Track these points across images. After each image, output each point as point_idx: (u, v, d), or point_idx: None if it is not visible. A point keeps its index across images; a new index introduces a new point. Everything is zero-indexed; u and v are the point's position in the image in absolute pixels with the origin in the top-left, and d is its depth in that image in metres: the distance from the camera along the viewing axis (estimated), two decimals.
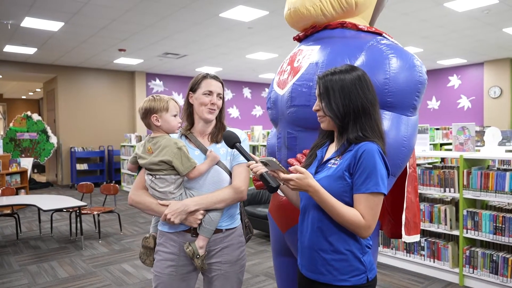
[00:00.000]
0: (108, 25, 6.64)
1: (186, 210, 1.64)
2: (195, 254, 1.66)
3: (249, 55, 9.41)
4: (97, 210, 5.20)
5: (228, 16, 6.25)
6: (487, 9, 6.13)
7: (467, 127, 3.71)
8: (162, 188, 1.69)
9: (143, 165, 1.72)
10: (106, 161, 10.80)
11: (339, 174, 1.36)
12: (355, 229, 1.31)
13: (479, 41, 8.45)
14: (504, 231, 3.16)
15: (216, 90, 1.79)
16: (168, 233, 1.75)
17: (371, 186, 1.29)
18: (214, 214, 1.69)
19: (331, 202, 1.30)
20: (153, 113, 1.73)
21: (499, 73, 10.77)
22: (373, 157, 1.31)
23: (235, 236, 1.79)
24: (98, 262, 4.25)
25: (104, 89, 10.97)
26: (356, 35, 2.01)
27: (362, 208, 1.30)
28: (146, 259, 1.83)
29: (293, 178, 1.30)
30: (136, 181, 1.80)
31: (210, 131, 1.83)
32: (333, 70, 1.44)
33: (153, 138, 1.74)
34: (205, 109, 1.76)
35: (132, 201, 1.76)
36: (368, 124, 1.38)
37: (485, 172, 3.27)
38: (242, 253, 1.82)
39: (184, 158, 1.66)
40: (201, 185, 1.73)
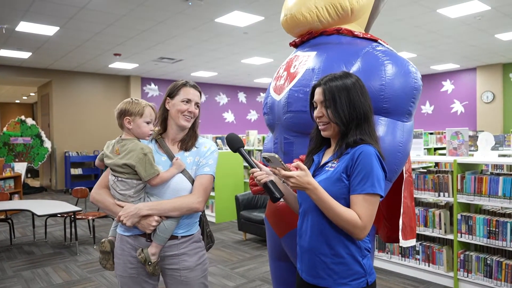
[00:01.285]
0: (104, 30, 6.64)
1: (138, 214, 1.64)
2: (147, 261, 1.67)
3: (244, 60, 9.45)
4: (92, 215, 5.17)
5: (224, 21, 6.29)
6: (480, 15, 6.22)
7: (461, 132, 3.75)
8: (123, 190, 1.69)
9: (108, 165, 1.73)
10: None
11: (336, 176, 1.36)
12: (351, 229, 1.31)
13: (472, 47, 8.55)
14: (498, 235, 3.19)
15: (194, 98, 1.79)
16: (125, 236, 1.75)
17: (367, 187, 1.30)
18: (169, 222, 1.68)
19: (329, 201, 1.31)
20: (127, 115, 1.73)
21: (491, 78, 10.90)
22: (370, 159, 1.32)
23: (191, 243, 1.78)
24: (93, 268, 4.23)
25: (99, 93, 10.95)
26: (351, 41, 2.04)
27: (358, 208, 1.31)
28: (106, 264, 1.83)
29: (294, 175, 1.30)
30: (100, 179, 1.80)
31: (181, 138, 1.82)
32: (333, 76, 1.44)
33: (122, 140, 1.74)
34: (181, 116, 1.76)
35: (93, 198, 1.77)
36: (367, 130, 1.40)
37: (479, 177, 3.30)
38: (202, 258, 1.80)
39: (148, 165, 1.66)
40: (162, 193, 1.72)
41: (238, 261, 4.38)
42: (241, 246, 4.97)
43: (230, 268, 4.17)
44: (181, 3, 5.44)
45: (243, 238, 5.31)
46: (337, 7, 2.01)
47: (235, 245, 5.05)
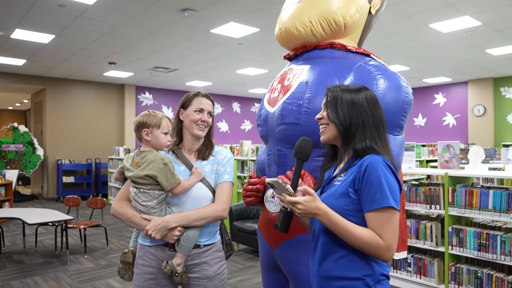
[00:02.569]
0: (99, 38, 6.66)
1: (167, 227, 1.66)
2: (174, 272, 1.68)
3: (239, 70, 9.51)
4: (83, 224, 5.13)
5: (219, 32, 6.34)
6: (470, 30, 6.34)
7: (452, 145, 3.80)
8: (145, 202, 1.71)
9: (129, 178, 1.75)
10: (93, 174, 10.68)
11: (342, 190, 1.27)
12: (374, 251, 1.19)
13: (463, 61, 8.70)
14: (488, 248, 3.22)
15: (207, 108, 1.84)
16: (147, 246, 1.77)
17: (381, 201, 1.19)
18: (192, 232, 1.71)
19: (343, 224, 1.20)
20: (145, 127, 1.77)
21: (482, 92, 11.06)
22: (377, 170, 1.22)
23: (213, 252, 1.81)
24: (84, 278, 4.19)
25: (93, 101, 10.93)
26: (344, 56, 2.07)
27: (376, 226, 1.19)
28: (124, 274, 1.84)
29: (300, 201, 1.21)
30: (120, 192, 1.82)
31: (197, 148, 1.87)
32: (345, 87, 1.40)
33: (141, 152, 1.78)
34: (195, 126, 1.81)
35: (115, 211, 1.78)
36: (378, 137, 1.31)
37: (470, 190, 3.34)
38: (221, 268, 1.83)
39: (169, 174, 1.70)
40: (183, 202, 1.75)
41: (230, 272, 4.36)
42: (234, 257, 4.95)
43: None
44: (177, 14, 5.49)
45: (236, 249, 5.29)
46: (330, 22, 2.05)
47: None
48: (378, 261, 1.27)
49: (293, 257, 1.97)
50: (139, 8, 5.28)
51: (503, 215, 3.16)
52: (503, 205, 3.15)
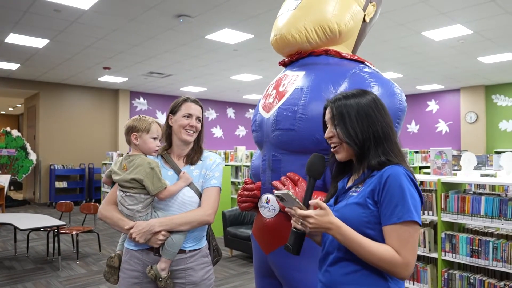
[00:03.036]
0: (94, 43, 6.66)
1: (151, 231, 1.65)
2: (158, 277, 1.67)
3: (234, 76, 9.54)
4: (76, 229, 5.09)
5: (214, 38, 6.37)
6: (462, 39, 6.43)
7: (445, 152, 3.83)
8: (131, 205, 1.71)
9: (116, 181, 1.76)
10: (86, 179, 10.62)
11: (360, 201, 1.20)
12: (391, 268, 1.12)
13: (455, 69, 8.80)
14: (480, 254, 3.24)
15: (196, 113, 1.86)
16: (132, 250, 1.77)
17: (403, 214, 1.12)
18: (177, 236, 1.70)
19: (358, 239, 1.13)
20: (134, 131, 1.78)
21: (474, 99, 11.19)
22: (400, 181, 1.15)
23: (198, 257, 1.80)
24: (76, 284, 4.15)
25: (87, 106, 10.89)
26: (339, 63, 2.09)
27: (394, 242, 1.12)
28: (110, 278, 1.84)
29: (311, 214, 1.14)
30: (108, 196, 1.83)
31: (186, 153, 1.87)
32: (345, 94, 1.33)
33: (129, 156, 1.79)
34: (183, 131, 1.82)
35: (101, 215, 1.79)
36: (391, 149, 1.25)
37: (462, 196, 3.37)
38: (207, 273, 1.82)
39: (156, 179, 1.70)
40: (170, 206, 1.75)
41: (224, 278, 4.35)
42: (227, 263, 4.94)
43: (216, 285, 4.13)
44: (172, 20, 5.51)
45: (229, 255, 5.27)
46: (325, 29, 2.07)
47: (221, 261, 5.01)
48: (394, 277, 1.19)
49: (287, 263, 1.97)
50: (134, 14, 5.30)
51: (495, 221, 3.18)
52: (495, 211, 3.18)
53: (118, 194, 1.76)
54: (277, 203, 1.99)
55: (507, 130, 10.76)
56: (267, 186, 2.07)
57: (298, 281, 1.94)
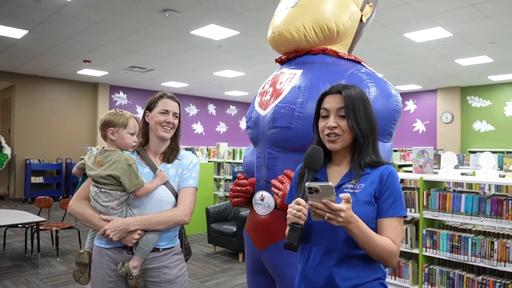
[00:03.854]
0: (75, 35, 6.50)
1: (126, 229, 1.62)
2: (128, 275, 1.64)
3: (217, 72, 9.51)
4: (56, 226, 4.98)
5: (199, 34, 6.33)
6: (442, 41, 6.62)
7: (426, 151, 3.95)
8: (105, 202, 1.67)
9: (90, 176, 1.70)
10: (64, 175, 10.37)
11: (367, 199, 1.26)
12: (390, 257, 1.21)
13: (434, 70, 9.04)
14: (460, 250, 3.37)
15: (172, 109, 1.82)
16: (104, 248, 1.72)
17: (399, 210, 1.25)
18: (152, 235, 1.67)
19: (370, 233, 1.19)
20: (111, 126, 1.73)
21: (450, 100, 11.53)
22: (397, 180, 1.28)
23: (172, 255, 1.78)
24: (57, 281, 4.06)
25: (65, 100, 10.62)
26: (336, 62, 2.12)
27: (391, 233, 1.22)
28: (80, 277, 1.77)
29: (344, 208, 1.13)
30: (79, 191, 1.76)
31: (163, 150, 1.84)
32: (345, 85, 1.36)
33: (105, 151, 1.74)
34: (160, 127, 1.78)
35: (72, 210, 1.72)
36: (377, 148, 1.35)
37: (443, 194, 3.48)
38: (182, 270, 1.81)
39: (133, 176, 1.66)
40: (145, 204, 1.72)
41: (208, 274, 4.35)
42: (211, 259, 4.94)
43: (200, 281, 4.13)
44: (158, 14, 5.44)
45: (213, 251, 5.27)
46: (324, 28, 2.08)
47: (205, 258, 5.01)
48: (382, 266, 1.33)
49: (280, 260, 1.99)
50: (119, 7, 5.20)
51: (474, 218, 3.31)
52: (475, 209, 3.31)
53: (91, 190, 1.70)
54: (272, 200, 2.01)
55: (480, 130, 11.15)
56: (262, 183, 2.08)
57: (292, 277, 1.95)
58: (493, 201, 3.23)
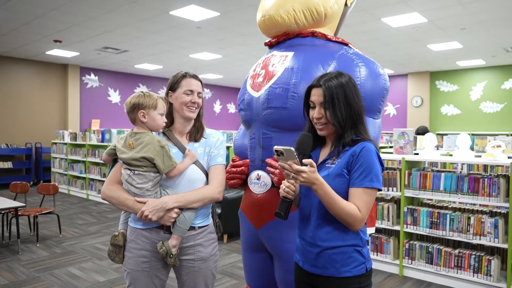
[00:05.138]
0: (46, 14, 6.21)
1: (164, 208, 1.65)
2: (169, 254, 1.68)
3: (193, 55, 9.36)
4: (34, 211, 4.85)
5: (178, 14, 6.20)
6: (417, 26, 6.79)
7: (407, 133, 4.11)
8: (140, 184, 1.68)
9: (123, 159, 1.71)
10: (34, 159, 10.01)
11: (338, 171, 1.43)
12: (352, 221, 1.37)
13: (406, 55, 9.28)
14: (439, 225, 3.57)
15: (197, 89, 1.84)
16: (140, 229, 1.75)
17: (366, 181, 1.38)
18: (189, 213, 1.71)
19: (333, 196, 1.36)
20: (141, 109, 1.72)
21: (420, 84, 11.90)
22: (370, 155, 1.40)
23: (207, 234, 1.83)
24: (40, 267, 3.99)
25: (33, 81, 10.17)
26: (324, 44, 2.18)
27: (357, 201, 1.38)
28: (115, 257, 1.81)
29: (305, 170, 1.33)
30: (111, 176, 1.77)
31: (188, 130, 1.86)
32: (329, 77, 1.49)
33: (135, 134, 1.74)
34: (186, 108, 1.79)
35: (106, 195, 1.73)
36: (362, 129, 1.48)
37: (424, 173, 3.66)
38: (215, 249, 1.87)
39: (166, 157, 1.68)
40: (177, 184, 1.74)
41: None
42: None
43: None
44: None
45: None
46: (313, 12, 2.14)
47: None
48: (362, 230, 1.48)
49: (278, 236, 2.05)
50: None
51: (452, 196, 3.50)
52: (453, 187, 3.50)
53: (123, 173, 1.71)
54: (269, 179, 2.06)
55: (448, 114, 11.61)
56: (257, 163, 2.12)
57: (290, 252, 2.02)
58: (470, 179, 3.43)
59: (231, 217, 4.81)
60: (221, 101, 15.20)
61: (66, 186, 8.75)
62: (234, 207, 4.76)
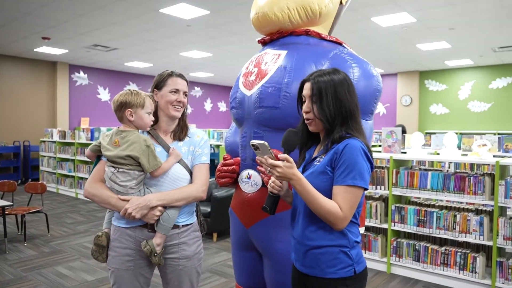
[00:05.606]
0: (35, 10, 6.14)
1: (148, 205, 1.65)
2: (153, 252, 1.68)
3: (183, 53, 9.33)
4: (22, 210, 4.80)
5: (169, 13, 6.17)
6: (406, 26, 6.86)
7: (395, 132, 4.15)
8: (123, 182, 1.68)
9: (108, 157, 1.70)
10: (22, 158, 9.89)
11: (321, 169, 1.41)
12: (333, 220, 1.33)
13: (396, 54, 9.36)
14: (426, 223, 3.62)
15: (183, 88, 1.84)
16: (124, 228, 1.74)
17: (348, 179, 1.34)
18: (172, 211, 1.71)
19: (312, 192, 1.34)
20: (128, 107, 1.72)
21: (409, 83, 12.01)
22: (354, 152, 1.35)
23: (191, 232, 1.84)
24: (27, 266, 3.95)
25: (21, 79, 10.04)
26: (318, 43, 2.18)
27: (339, 199, 1.34)
28: (98, 256, 1.80)
29: (280, 164, 1.34)
30: (94, 173, 1.76)
31: (173, 129, 1.86)
32: (322, 72, 1.47)
33: (122, 132, 1.73)
34: (171, 107, 1.80)
35: (88, 193, 1.72)
36: (354, 126, 1.44)
37: (411, 172, 3.70)
38: (199, 247, 1.87)
39: (151, 157, 1.68)
40: (161, 183, 1.74)
41: None
42: None
43: None
44: None
45: None
46: (307, 10, 2.13)
47: None
48: (351, 230, 1.43)
49: (268, 235, 2.05)
50: None
51: (439, 194, 3.55)
52: (439, 185, 3.55)
53: (107, 171, 1.70)
54: (259, 178, 2.07)
55: (436, 113, 11.74)
56: (248, 162, 2.12)
57: (279, 251, 2.03)
58: (456, 177, 3.47)
59: (220, 215, 4.82)
60: (212, 100, 15.16)
61: (54, 185, 8.67)
62: (224, 206, 4.77)
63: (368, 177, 1.40)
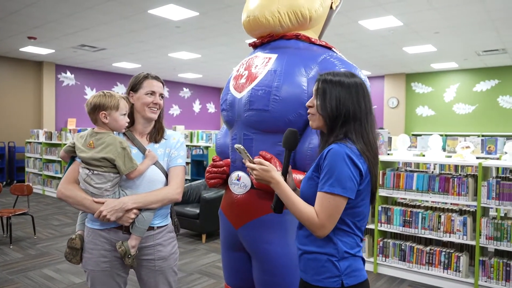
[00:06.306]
0: (21, 10, 6.06)
1: (123, 208, 1.64)
2: (127, 254, 1.68)
3: (172, 54, 9.31)
4: (7, 212, 4.74)
5: (157, 14, 6.16)
6: (393, 29, 6.97)
7: (381, 133, 4.22)
8: (98, 184, 1.67)
9: (82, 159, 1.69)
10: (7, 159, 9.74)
11: (309, 174, 1.40)
12: (309, 226, 1.32)
13: (383, 57, 9.49)
14: (411, 224, 3.69)
15: (159, 90, 1.85)
16: (98, 230, 1.74)
17: (326, 186, 1.30)
18: (147, 213, 1.71)
19: (291, 197, 1.34)
20: (102, 109, 1.70)
21: (396, 86, 12.18)
22: (335, 158, 1.30)
23: (166, 233, 1.84)
24: (14, 269, 3.91)
25: (6, 79, 9.88)
26: (308, 47, 2.22)
27: (316, 206, 1.32)
28: (72, 258, 1.79)
29: (256, 168, 1.39)
30: (67, 174, 1.74)
31: (149, 131, 1.87)
32: (335, 73, 1.46)
33: (97, 134, 1.72)
34: (147, 109, 1.80)
35: (62, 194, 1.70)
36: (356, 130, 1.38)
37: (397, 173, 3.77)
38: (174, 248, 1.88)
39: (127, 159, 1.68)
40: (137, 185, 1.74)
41: None
42: None
43: None
44: None
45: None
46: (297, 14, 2.16)
47: None
48: (343, 240, 1.36)
49: (257, 237, 2.07)
50: None
51: (424, 195, 3.63)
52: (425, 186, 3.62)
53: (82, 172, 1.69)
54: (249, 180, 2.09)
55: (422, 115, 11.92)
56: (238, 164, 2.14)
57: (267, 253, 2.05)
58: (441, 179, 3.55)
59: (210, 216, 4.83)
60: (201, 101, 15.13)
61: (40, 187, 8.55)
62: (213, 207, 4.78)
63: (351, 184, 1.31)
